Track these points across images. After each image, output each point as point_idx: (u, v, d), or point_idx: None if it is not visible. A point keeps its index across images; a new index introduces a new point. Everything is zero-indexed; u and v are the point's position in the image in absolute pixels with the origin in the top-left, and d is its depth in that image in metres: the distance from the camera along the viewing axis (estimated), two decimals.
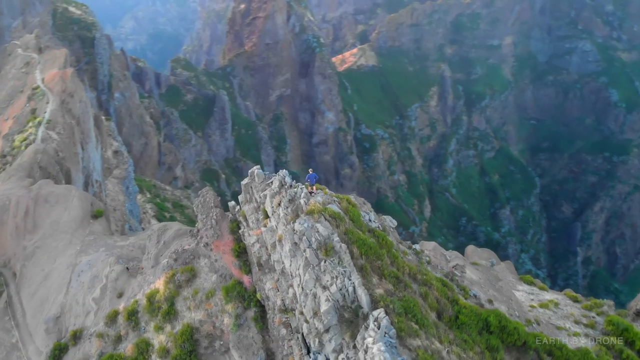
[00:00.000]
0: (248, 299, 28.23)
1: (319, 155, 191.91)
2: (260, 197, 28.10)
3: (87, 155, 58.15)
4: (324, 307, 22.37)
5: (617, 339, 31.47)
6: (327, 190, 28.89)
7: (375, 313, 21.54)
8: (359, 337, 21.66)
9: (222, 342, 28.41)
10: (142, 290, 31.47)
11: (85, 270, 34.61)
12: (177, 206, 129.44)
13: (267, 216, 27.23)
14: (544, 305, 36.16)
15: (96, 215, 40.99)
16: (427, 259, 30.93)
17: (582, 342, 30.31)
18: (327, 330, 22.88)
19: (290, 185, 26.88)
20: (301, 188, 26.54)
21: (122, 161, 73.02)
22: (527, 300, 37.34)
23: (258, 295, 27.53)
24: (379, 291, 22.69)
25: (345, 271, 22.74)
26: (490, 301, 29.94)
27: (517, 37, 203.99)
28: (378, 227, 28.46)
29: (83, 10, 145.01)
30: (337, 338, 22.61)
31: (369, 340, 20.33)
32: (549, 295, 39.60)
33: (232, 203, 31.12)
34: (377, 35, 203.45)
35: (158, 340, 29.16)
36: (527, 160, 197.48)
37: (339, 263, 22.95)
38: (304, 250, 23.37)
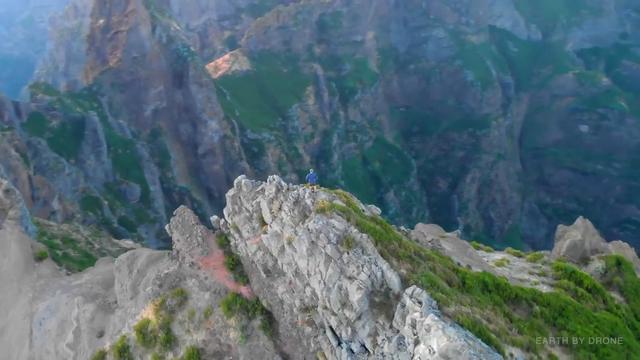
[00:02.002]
0: (252, 309, 28.06)
1: (207, 166, 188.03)
2: (252, 206, 27.94)
3: None
4: (356, 295, 23.29)
5: (569, 281, 36.29)
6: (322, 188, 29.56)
7: (409, 291, 23.01)
8: (397, 317, 22.96)
9: (231, 357, 27.90)
10: (126, 325, 29.48)
11: (48, 317, 31.38)
12: (68, 241, 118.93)
13: (263, 223, 27.17)
14: (500, 264, 40.29)
15: (40, 257, 37.21)
16: (415, 237, 33.01)
17: (545, 289, 34.52)
18: (359, 318, 23.85)
19: (288, 189, 27.16)
20: (303, 189, 26.99)
21: (15, 200, 65.74)
22: (486, 262, 41.29)
23: (264, 303, 27.46)
24: (402, 271, 24.16)
25: (370, 258, 23.87)
26: (469, 267, 32.90)
27: (378, 32, 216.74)
28: (371, 215, 29.83)
29: None
30: (371, 322, 23.72)
31: (416, 315, 21.75)
32: (498, 255, 44.14)
33: (214, 217, 30.41)
34: (247, 39, 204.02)
35: None
36: (402, 145, 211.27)
37: (363, 252, 23.98)
38: (324, 247, 24.00)
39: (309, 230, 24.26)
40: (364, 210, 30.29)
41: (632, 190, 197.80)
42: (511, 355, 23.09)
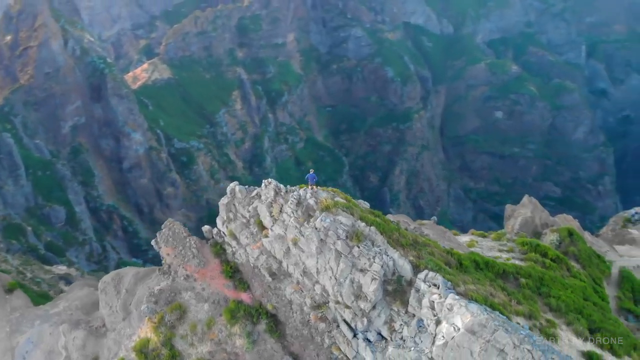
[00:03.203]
0: (255, 314, 27.97)
1: (134, 181, 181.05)
2: (249, 211, 27.63)
3: None
4: (372, 286, 23.92)
5: (535, 254, 39.03)
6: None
7: (421, 276, 24.01)
8: (412, 301, 23.89)
9: None
10: (123, 347, 28.19)
11: (31, 349, 29.25)
12: None
13: (263, 227, 26.96)
14: (471, 245, 42.44)
15: (10, 289, 34.57)
16: (405, 226, 34.07)
17: (517, 263, 36.81)
18: (374, 307, 24.55)
19: (287, 191, 27.16)
20: (304, 189, 27.10)
21: None
22: None
23: (269, 306, 27.37)
24: (411, 258, 25.04)
25: (381, 249, 24.57)
26: (451, 249, 34.41)
27: (298, 33, 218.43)
28: (366, 209, 30.50)
29: None
30: (386, 310, 24.52)
31: (435, 296, 22.79)
32: (466, 237, 46.42)
33: (206, 227, 29.73)
34: (165, 47, 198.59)
35: None
36: (332, 143, 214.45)
37: (373, 244, 24.58)
38: (334, 243, 24.36)
39: (316, 228, 24.56)
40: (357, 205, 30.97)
41: (547, 168, 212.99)
42: (518, 324, 24.71)
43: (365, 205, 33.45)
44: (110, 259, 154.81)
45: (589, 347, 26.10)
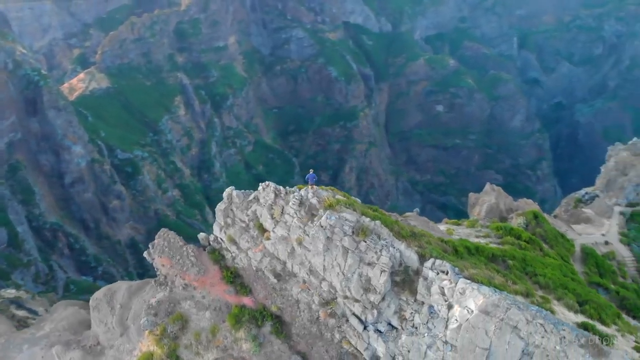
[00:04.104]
0: (260, 317, 27.86)
1: (77, 196, 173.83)
2: (248, 215, 27.36)
3: None
4: (382, 278, 24.43)
5: (510, 237, 40.88)
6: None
7: (428, 264, 24.76)
8: (421, 289, 24.60)
9: None
10: None
11: None
12: None
13: (263, 230, 26.80)
14: (450, 232, 43.75)
15: None
16: (395, 219, 34.74)
17: (496, 247, 38.45)
18: (383, 299, 25.08)
19: (287, 192, 27.11)
20: (305, 190, 27.15)
21: None
22: None
23: (273, 308, 27.30)
24: (415, 248, 25.69)
25: (387, 242, 25.06)
26: (442, 237, 35.48)
27: (239, 36, 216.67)
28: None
29: None
30: (395, 301, 25.14)
31: (445, 282, 23.60)
32: (442, 226, 47.72)
33: (202, 235, 29.20)
34: (101, 56, 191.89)
35: None
36: (281, 145, 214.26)
37: (379, 238, 25.03)
38: (340, 240, 24.66)
39: (322, 227, 24.77)
40: None
41: (488, 157, 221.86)
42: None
43: (357, 201, 33.99)
44: (59, 278, 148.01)
45: (580, 318, 27.71)
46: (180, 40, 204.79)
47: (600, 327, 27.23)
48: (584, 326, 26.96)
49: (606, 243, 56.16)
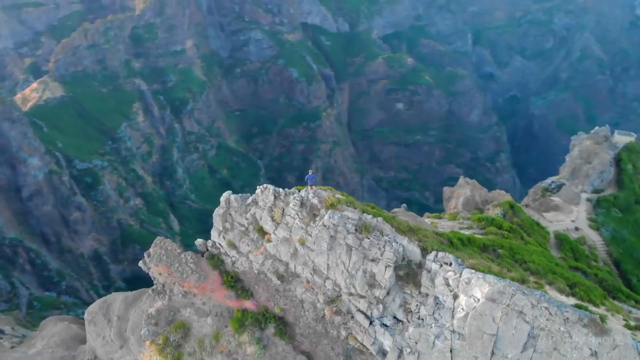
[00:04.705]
0: (263, 320, 27.80)
1: (36, 209, 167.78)
2: (247, 219, 27.18)
3: None
4: (387, 273, 24.78)
5: (493, 227, 42.04)
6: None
7: (430, 257, 25.30)
8: (425, 282, 25.11)
9: None
10: None
11: None
12: None
13: (264, 233, 26.67)
14: (434, 225, 44.58)
15: None
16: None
17: (485, 237, 39.52)
18: (388, 293, 25.45)
19: (286, 194, 27.07)
20: (305, 190, 27.18)
21: None
22: None
23: (276, 309, 27.23)
24: (416, 242, 26.13)
25: (390, 238, 25.40)
26: (435, 231, 36.20)
27: (197, 39, 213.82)
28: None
29: None
30: (400, 294, 25.59)
31: (450, 273, 24.19)
32: (426, 220, 48.51)
33: (200, 240, 28.79)
34: (55, 64, 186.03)
35: None
36: (245, 147, 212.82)
37: (382, 234, 25.34)
38: (344, 238, 24.89)
39: (325, 226, 24.94)
40: None
41: (449, 152, 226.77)
42: None
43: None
44: (21, 295, 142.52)
45: (572, 301, 28.85)
46: (136, 45, 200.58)
47: (592, 308, 28.39)
48: (578, 308, 28.10)
49: (576, 229, 58.46)
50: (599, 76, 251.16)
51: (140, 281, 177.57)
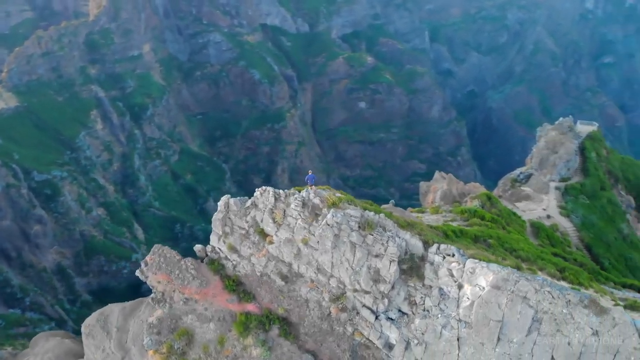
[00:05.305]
0: (267, 321, 27.78)
1: None
2: (247, 222, 27.04)
3: None
4: (391, 268, 25.17)
5: (476, 218, 43.11)
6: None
7: (433, 249, 25.82)
8: (428, 274, 25.64)
9: None
10: None
11: None
12: None
13: (265, 235, 26.61)
14: (419, 219, 45.25)
15: None
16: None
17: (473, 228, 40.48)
18: (393, 287, 25.82)
19: (287, 195, 27.08)
20: (306, 191, 27.25)
21: None
22: None
23: (280, 310, 27.21)
24: (417, 236, 26.58)
25: (392, 233, 25.76)
26: (429, 224, 36.79)
27: (154, 43, 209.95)
28: None
29: None
30: (404, 288, 26.04)
31: (454, 264, 24.77)
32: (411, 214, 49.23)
33: (199, 246, 28.46)
34: (7, 73, 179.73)
35: None
36: (209, 151, 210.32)
37: (384, 230, 25.67)
38: (348, 235, 25.11)
39: (328, 225, 25.11)
40: None
41: (411, 148, 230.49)
42: None
43: None
44: None
45: (564, 284, 29.95)
46: (92, 51, 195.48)
47: (583, 290, 29.57)
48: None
49: (548, 217, 60.58)
50: (552, 69, 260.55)
51: (107, 293, 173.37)
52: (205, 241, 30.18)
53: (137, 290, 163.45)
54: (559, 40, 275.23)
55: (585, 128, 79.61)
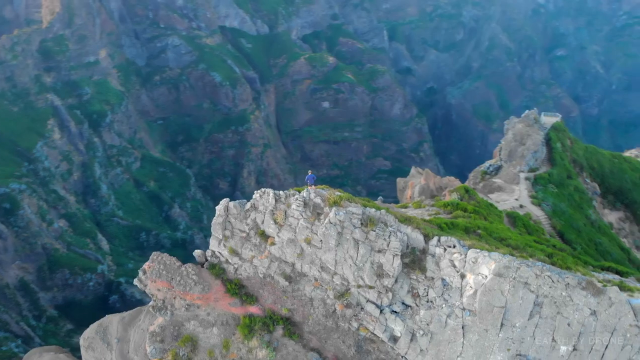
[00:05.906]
0: (271, 322, 27.79)
1: None
2: (248, 224, 26.90)
3: None
4: (395, 262, 25.60)
5: (459, 211, 44.11)
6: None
7: (433, 242, 26.40)
8: (430, 266, 26.22)
9: None
10: None
11: None
12: None
13: (266, 237, 26.54)
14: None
15: None
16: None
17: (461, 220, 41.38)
18: (396, 281, 26.27)
19: (287, 196, 27.07)
20: (306, 191, 27.29)
21: None
22: None
23: (283, 311, 27.21)
24: (417, 230, 27.06)
25: (394, 228, 26.16)
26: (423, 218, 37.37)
27: (111, 49, 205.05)
28: None
29: None
30: (406, 280, 26.55)
31: (455, 255, 25.40)
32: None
33: (198, 251, 28.10)
34: None
35: None
36: (171, 157, 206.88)
37: (386, 225, 26.02)
38: (351, 233, 25.38)
39: (332, 223, 25.32)
40: None
41: (375, 146, 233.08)
42: None
43: None
44: None
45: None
46: (47, 59, 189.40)
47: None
48: None
49: (521, 206, 62.48)
50: (507, 63, 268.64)
51: (74, 307, 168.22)
52: (171, 249, 29.88)
53: (105, 302, 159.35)
54: (513, 35, 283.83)
55: (549, 119, 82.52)
